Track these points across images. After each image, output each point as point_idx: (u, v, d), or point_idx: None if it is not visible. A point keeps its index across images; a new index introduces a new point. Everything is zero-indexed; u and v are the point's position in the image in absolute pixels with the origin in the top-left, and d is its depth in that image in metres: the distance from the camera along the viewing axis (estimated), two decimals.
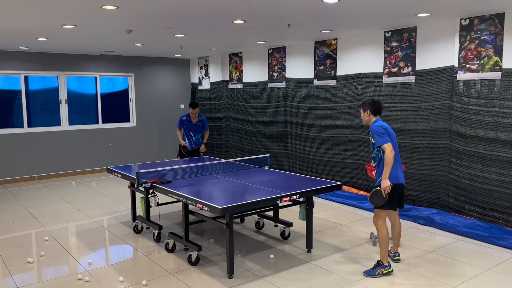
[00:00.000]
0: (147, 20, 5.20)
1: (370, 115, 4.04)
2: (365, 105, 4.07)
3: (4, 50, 8.12)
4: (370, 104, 4.05)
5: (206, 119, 7.02)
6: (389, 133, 3.91)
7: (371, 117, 4.04)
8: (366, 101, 4.12)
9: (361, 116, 4.13)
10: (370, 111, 4.03)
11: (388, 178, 3.82)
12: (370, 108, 4.03)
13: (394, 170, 3.88)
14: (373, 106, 4.04)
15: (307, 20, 5.33)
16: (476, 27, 5.06)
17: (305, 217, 4.51)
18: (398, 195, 3.94)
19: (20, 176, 8.52)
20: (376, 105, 4.04)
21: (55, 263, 4.38)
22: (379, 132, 3.85)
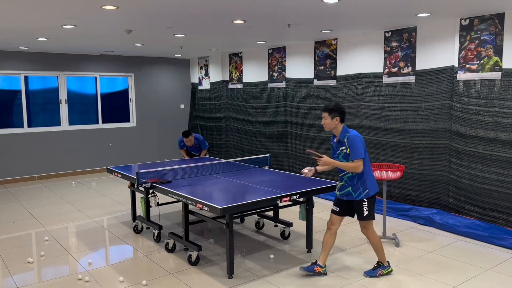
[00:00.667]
0: (147, 20, 5.20)
1: (338, 123, 3.79)
2: (334, 112, 3.76)
3: (4, 50, 8.12)
4: (341, 112, 3.78)
5: (203, 138, 6.88)
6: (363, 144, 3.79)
7: (338, 125, 3.79)
8: (335, 106, 3.78)
9: (324, 121, 3.81)
10: (340, 118, 3.78)
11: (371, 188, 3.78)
12: (340, 116, 3.77)
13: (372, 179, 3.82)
14: (343, 113, 3.79)
15: (307, 20, 5.33)
16: (476, 27, 5.06)
17: (305, 217, 4.51)
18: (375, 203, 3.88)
19: (20, 176, 8.52)
20: (344, 112, 3.82)
21: (55, 263, 4.38)
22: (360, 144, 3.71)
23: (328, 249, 3.95)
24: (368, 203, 3.79)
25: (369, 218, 3.83)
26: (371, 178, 3.82)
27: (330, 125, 3.81)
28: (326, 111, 3.80)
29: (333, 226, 3.91)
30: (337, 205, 3.92)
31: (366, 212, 3.80)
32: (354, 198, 3.81)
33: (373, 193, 3.83)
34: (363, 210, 3.80)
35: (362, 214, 3.82)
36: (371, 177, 3.83)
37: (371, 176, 3.83)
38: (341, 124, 3.81)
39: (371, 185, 3.81)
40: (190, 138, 6.70)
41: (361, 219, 3.86)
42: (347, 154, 3.76)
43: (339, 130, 3.81)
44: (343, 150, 3.79)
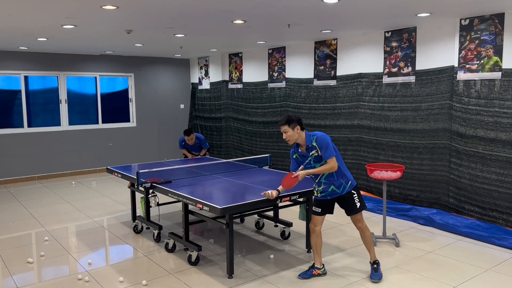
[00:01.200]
0: (147, 20, 5.20)
1: (300, 132, 3.73)
2: (293, 122, 3.69)
3: (4, 50, 8.12)
4: (298, 120, 3.72)
5: (204, 138, 6.93)
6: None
7: (301, 133, 3.74)
8: (290, 117, 3.71)
9: (286, 135, 3.72)
10: (300, 127, 3.72)
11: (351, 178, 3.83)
12: (299, 124, 3.72)
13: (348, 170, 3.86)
14: (300, 121, 3.73)
15: (307, 20, 5.33)
16: (476, 27, 5.06)
17: (305, 217, 4.51)
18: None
19: (20, 176, 8.52)
20: (301, 119, 3.78)
21: (55, 263, 4.38)
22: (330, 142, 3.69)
23: (320, 250, 3.95)
24: (357, 194, 3.81)
25: (362, 208, 3.82)
26: (347, 170, 3.84)
27: (294, 136, 3.73)
28: (285, 124, 3.70)
29: (316, 227, 3.89)
30: (317, 206, 3.87)
31: (358, 203, 3.80)
32: (340, 193, 3.78)
33: (355, 182, 3.86)
34: (355, 202, 3.79)
35: (355, 206, 3.79)
36: (346, 169, 3.84)
37: (346, 168, 3.84)
38: (302, 131, 3.75)
39: (350, 176, 3.84)
40: (192, 136, 6.71)
41: (355, 212, 3.81)
42: (318, 156, 3.70)
43: (303, 137, 3.75)
44: (313, 154, 3.72)
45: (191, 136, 6.71)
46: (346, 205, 3.84)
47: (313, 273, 3.92)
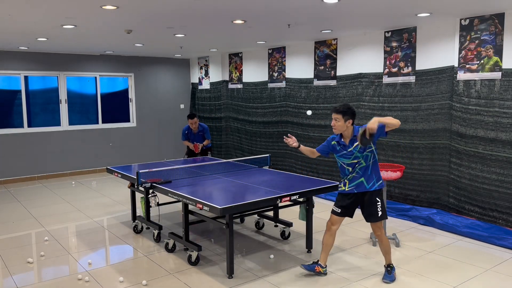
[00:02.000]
0: (147, 20, 5.20)
1: (350, 126, 3.68)
2: (346, 114, 3.63)
3: (4, 50, 8.12)
4: (352, 114, 3.66)
5: (208, 127, 7.03)
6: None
7: (350, 128, 3.68)
8: (348, 109, 3.64)
9: (335, 123, 3.67)
10: (352, 121, 3.68)
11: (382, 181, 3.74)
12: (353, 119, 3.67)
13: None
14: (354, 115, 3.68)
15: (307, 20, 5.33)
16: (476, 27, 5.06)
17: (305, 217, 4.51)
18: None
19: (20, 176, 8.52)
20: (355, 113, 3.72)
21: (55, 263, 4.38)
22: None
23: (328, 250, 3.93)
24: (381, 202, 3.72)
25: (383, 218, 3.74)
26: (379, 170, 3.80)
27: (342, 128, 3.67)
28: (339, 113, 3.63)
29: (333, 226, 3.87)
30: (338, 206, 3.84)
31: (380, 212, 3.71)
32: (368, 189, 3.70)
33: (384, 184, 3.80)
34: (378, 210, 3.70)
35: (377, 214, 3.71)
36: (379, 169, 3.80)
37: (379, 167, 3.80)
38: (351, 126, 3.71)
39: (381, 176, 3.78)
40: (195, 120, 6.81)
41: (376, 220, 3.74)
42: (363, 148, 3.62)
43: (350, 131, 3.71)
44: (357, 145, 3.61)
45: (195, 119, 6.80)
46: (367, 211, 3.75)
47: (315, 269, 3.92)
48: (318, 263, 3.95)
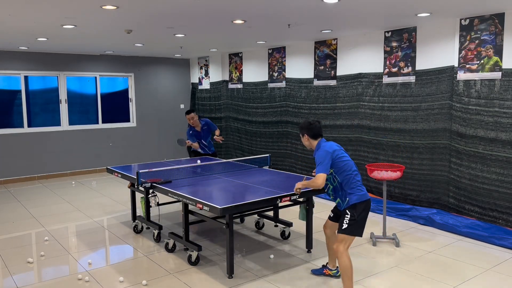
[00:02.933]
0: (147, 20, 5.20)
1: (311, 140, 3.66)
2: (301, 130, 3.68)
3: (4, 50, 8.12)
4: (307, 128, 3.64)
5: (209, 120, 6.70)
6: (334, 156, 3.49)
7: (312, 142, 3.66)
8: (302, 124, 3.70)
9: (302, 141, 3.75)
10: (308, 135, 3.65)
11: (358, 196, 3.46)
12: (308, 133, 3.64)
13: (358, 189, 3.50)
14: (310, 129, 3.63)
15: (307, 20, 5.33)
16: (476, 27, 5.06)
17: (305, 217, 4.51)
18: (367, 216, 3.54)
19: (20, 176, 8.52)
20: (311, 128, 3.63)
21: (55, 263, 4.38)
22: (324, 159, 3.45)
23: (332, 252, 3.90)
24: (351, 215, 3.45)
25: (346, 233, 3.45)
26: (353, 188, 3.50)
27: (305, 143, 3.70)
28: (299, 131, 3.72)
29: (326, 230, 3.87)
30: (332, 211, 3.81)
31: (346, 225, 3.46)
32: (342, 208, 3.58)
33: (355, 200, 3.47)
34: (343, 222, 3.48)
35: (341, 225, 3.50)
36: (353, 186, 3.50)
37: (352, 185, 3.50)
38: (314, 140, 3.64)
39: (355, 194, 3.48)
40: (192, 115, 6.38)
41: (339, 231, 3.54)
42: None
43: (313, 146, 3.66)
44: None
45: (191, 115, 6.38)
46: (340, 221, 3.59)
47: (324, 272, 3.94)
48: (326, 266, 3.97)
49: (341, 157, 3.54)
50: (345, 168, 3.52)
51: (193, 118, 6.41)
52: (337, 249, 3.47)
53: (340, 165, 3.51)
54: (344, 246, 3.46)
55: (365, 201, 3.50)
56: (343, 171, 3.51)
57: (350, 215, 3.46)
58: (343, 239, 3.47)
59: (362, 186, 3.56)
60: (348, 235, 3.46)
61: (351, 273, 3.44)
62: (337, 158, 3.51)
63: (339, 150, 3.58)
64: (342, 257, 3.44)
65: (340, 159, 3.52)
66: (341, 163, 3.52)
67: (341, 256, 3.44)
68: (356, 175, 3.55)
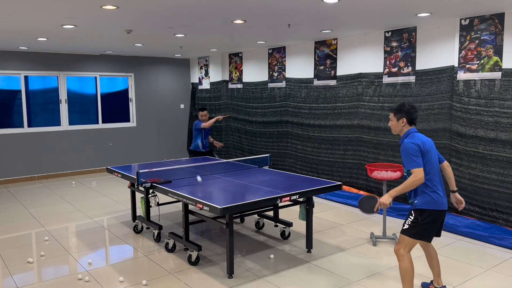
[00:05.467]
0: (147, 20, 5.20)
1: (405, 125, 3.32)
2: (398, 112, 3.31)
3: (4, 50, 8.12)
4: (407, 113, 3.28)
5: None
6: (423, 151, 3.18)
7: (404, 128, 3.32)
8: (399, 107, 3.33)
9: (390, 123, 3.42)
10: (407, 120, 3.30)
11: (426, 201, 3.20)
12: (407, 117, 3.29)
13: (432, 194, 3.21)
14: (409, 114, 3.29)
15: (307, 20, 5.33)
16: (476, 27, 5.06)
17: (305, 217, 4.51)
18: (436, 223, 3.26)
19: (20, 176, 8.52)
20: (411, 112, 3.30)
21: (55, 263, 4.38)
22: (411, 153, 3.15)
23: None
24: (416, 219, 3.20)
25: (407, 234, 3.22)
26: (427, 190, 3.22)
27: (396, 127, 3.36)
28: (392, 112, 3.37)
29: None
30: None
31: (407, 226, 3.23)
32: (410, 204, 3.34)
33: (423, 207, 3.20)
34: (406, 221, 3.26)
35: (404, 225, 3.28)
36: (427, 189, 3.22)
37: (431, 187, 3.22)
38: (409, 126, 3.31)
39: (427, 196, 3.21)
40: (206, 113, 6.88)
41: (401, 231, 3.30)
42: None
43: (402, 133, 3.34)
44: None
45: (205, 112, 6.87)
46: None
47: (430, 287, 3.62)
48: (431, 282, 3.61)
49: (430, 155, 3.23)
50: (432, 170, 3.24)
51: (206, 115, 6.91)
52: (397, 251, 3.26)
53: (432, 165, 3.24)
54: (405, 249, 3.22)
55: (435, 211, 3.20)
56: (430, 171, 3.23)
57: (414, 217, 3.22)
58: (403, 241, 3.24)
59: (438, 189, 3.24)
60: (408, 237, 3.22)
61: (410, 277, 3.21)
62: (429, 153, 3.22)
63: (428, 144, 3.25)
64: (401, 260, 3.22)
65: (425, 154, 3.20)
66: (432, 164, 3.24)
67: (401, 259, 3.22)
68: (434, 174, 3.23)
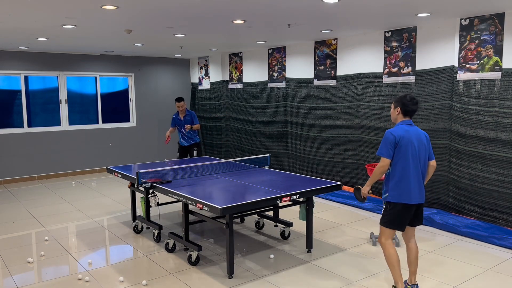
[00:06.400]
0: (147, 20, 5.20)
1: (399, 115, 3.47)
2: (396, 102, 3.48)
3: (4, 50, 8.12)
4: (402, 103, 3.42)
5: (195, 114, 7.22)
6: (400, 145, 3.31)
7: (398, 117, 3.48)
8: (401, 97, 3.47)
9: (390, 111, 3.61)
10: (401, 110, 3.44)
11: (392, 195, 3.36)
12: (401, 107, 3.43)
13: (400, 187, 3.34)
14: (404, 105, 3.41)
15: (307, 20, 5.33)
16: (476, 27, 5.06)
17: (305, 217, 4.51)
18: (405, 215, 3.39)
19: (20, 176, 8.52)
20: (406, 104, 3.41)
21: (55, 263, 4.38)
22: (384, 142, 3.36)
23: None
24: (385, 207, 3.44)
25: (381, 223, 3.47)
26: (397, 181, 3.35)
27: (392, 115, 3.53)
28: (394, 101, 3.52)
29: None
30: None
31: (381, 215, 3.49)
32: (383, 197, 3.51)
33: (393, 200, 3.36)
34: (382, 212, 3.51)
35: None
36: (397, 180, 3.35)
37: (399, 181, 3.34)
38: (403, 117, 3.45)
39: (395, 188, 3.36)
40: (183, 103, 7.01)
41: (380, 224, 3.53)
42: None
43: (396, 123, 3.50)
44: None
45: (182, 103, 7.00)
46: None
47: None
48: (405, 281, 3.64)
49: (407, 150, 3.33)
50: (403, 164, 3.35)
51: (182, 106, 7.05)
52: (379, 241, 3.54)
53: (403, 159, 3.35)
54: (385, 238, 3.46)
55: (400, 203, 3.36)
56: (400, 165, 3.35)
57: (384, 208, 3.48)
58: (381, 230, 3.49)
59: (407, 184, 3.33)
60: (382, 226, 3.47)
61: (394, 262, 3.41)
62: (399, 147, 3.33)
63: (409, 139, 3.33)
64: (384, 248, 3.47)
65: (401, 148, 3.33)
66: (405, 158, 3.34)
67: (383, 247, 3.47)
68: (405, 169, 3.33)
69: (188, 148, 7.18)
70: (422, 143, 3.40)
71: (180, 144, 7.27)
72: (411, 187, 3.35)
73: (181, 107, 7.00)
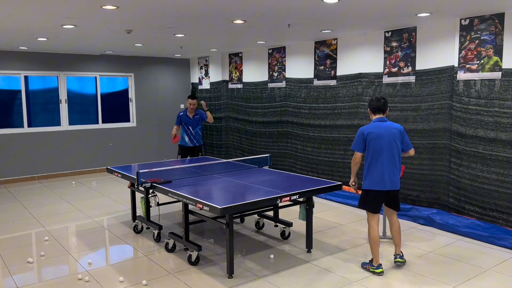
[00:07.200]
0: (147, 20, 5.20)
1: (371, 114, 4.10)
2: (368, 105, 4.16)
3: (4, 50, 8.12)
4: (370, 105, 4.07)
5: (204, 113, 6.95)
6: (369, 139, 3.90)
7: (371, 116, 4.10)
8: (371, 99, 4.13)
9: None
10: (371, 111, 4.08)
11: (365, 182, 3.96)
12: (370, 108, 4.07)
13: (371, 176, 3.91)
14: (372, 106, 4.05)
15: (307, 20, 5.33)
16: (476, 27, 5.06)
17: (305, 217, 4.51)
18: (376, 200, 3.95)
19: (20, 176, 8.52)
20: (372, 102, 4.04)
21: (55, 263, 4.38)
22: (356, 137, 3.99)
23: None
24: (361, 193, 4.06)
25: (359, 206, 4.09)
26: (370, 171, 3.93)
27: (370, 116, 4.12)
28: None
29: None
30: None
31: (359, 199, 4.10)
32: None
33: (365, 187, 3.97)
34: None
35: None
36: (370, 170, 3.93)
37: (370, 171, 3.93)
38: (372, 115, 4.05)
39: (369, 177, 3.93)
40: (195, 101, 6.83)
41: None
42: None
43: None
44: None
45: (195, 101, 6.84)
46: None
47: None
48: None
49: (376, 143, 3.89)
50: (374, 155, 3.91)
51: (194, 104, 6.83)
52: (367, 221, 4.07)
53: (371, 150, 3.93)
54: (368, 219, 4.02)
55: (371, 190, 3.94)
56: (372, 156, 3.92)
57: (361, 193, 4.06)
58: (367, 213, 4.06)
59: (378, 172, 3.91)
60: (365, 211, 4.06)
61: (371, 241, 3.97)
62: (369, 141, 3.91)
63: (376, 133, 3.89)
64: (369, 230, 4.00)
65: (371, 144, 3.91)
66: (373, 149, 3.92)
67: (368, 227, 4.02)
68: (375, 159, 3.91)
69: (192, 149, 6.88)
70: (393, 136, 3.89)
71: (183, 145, 6.90)
72: (381, 176, 3.87)
73: (194, 105, 6.81)
